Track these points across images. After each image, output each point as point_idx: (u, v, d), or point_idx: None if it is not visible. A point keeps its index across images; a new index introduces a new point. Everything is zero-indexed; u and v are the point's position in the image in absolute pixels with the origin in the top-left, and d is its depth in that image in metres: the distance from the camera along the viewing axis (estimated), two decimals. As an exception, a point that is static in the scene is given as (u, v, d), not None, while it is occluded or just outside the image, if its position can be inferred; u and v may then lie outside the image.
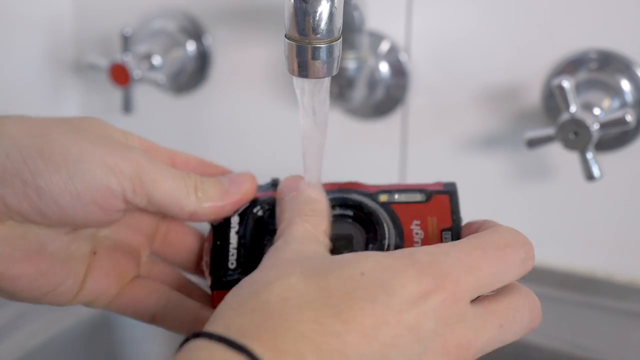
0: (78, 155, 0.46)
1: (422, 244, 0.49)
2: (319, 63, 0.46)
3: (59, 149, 0.46)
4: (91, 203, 0.46)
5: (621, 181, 0.75)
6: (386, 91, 0.79)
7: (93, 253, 0.51)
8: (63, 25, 0.91)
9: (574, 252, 0.79)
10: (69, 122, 0.48)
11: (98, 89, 0.92)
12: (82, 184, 0.46)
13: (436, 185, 0.52)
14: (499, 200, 0.79)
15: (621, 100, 0.71)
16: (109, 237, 0.52)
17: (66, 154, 0.46)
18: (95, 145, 0.47)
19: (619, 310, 0.76)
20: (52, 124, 0.47)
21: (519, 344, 0.73)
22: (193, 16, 0.86)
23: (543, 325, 0.75)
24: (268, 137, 0.87)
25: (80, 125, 0.48)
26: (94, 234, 0.51)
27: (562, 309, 0.77)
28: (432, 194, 0.52)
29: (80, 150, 0.46)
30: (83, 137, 0.47)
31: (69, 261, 0.49)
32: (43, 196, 0.45)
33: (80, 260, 0.50)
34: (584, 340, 0.72)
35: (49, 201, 0.46)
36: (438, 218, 0.50)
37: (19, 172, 0.45)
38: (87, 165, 0.46)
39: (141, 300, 0.52)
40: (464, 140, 0.79)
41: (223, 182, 0.51)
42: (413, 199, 0.51)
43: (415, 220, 0.50)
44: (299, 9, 0.45)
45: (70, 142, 0.46)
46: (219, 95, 0.87)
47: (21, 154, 0.45)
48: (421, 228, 0.50)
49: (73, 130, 0.47)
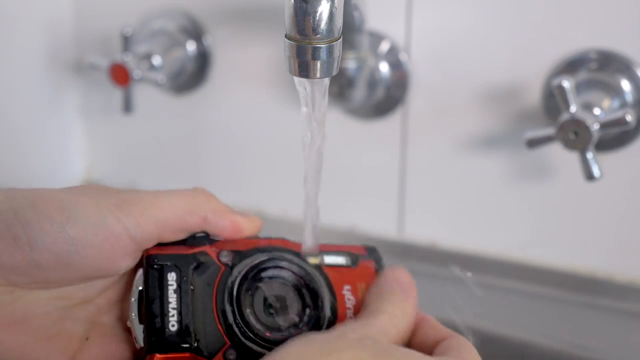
0: (71, 203, 0.45)
1: (354, 311, 0.49)
2: (319, 63, 0.46)
3: (51, 199, 0.44)
4: (88, 247, 0.44)
5: (621, 181, 0.75)
6: (386, 91, 0.79)
7: (85, 339, 0.48)
8: (63, 26, 0.91)
9: (574, 252, 0.79)
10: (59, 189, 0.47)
11: (98, 89, 0.92)
12: (76, 229, 0.44)
13: (359, 249, 0.52)
14: (499, 200, 0.80)
15: (621, 100, 0.71)
16: (107, 324, 0.50)
17: (59, 203, 0.44)
18: (87, 195, 0.46)
19: (619, 310, 0.76)
20: (44, 188, 0.46)
21: (519, 344, 0.73)
22: (193, 16, 0.86)
23: (543, 325, 0.75)
24: (268, 137, 0.87)
25: (70, 186, 0.47)
26: (92, 317, 0.49)
27: (562, 309, 0.77)
28: (358, 258, 0.51)
29: (74, 200, 0.45)
30: (74, 191, 0.46)
31: (55, 339, 0.47)
32: (35, 246, 0.43)
33: (68, 341, 0.48)
34: (584, 340, 0.72)
35: (42, 250, 0.44)
36: (366, 284, 0.50)
37: (10, 227, 0.44)
38: (81, 212, 0.44)
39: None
40: (464, 140, 0.79)
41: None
42: (341, 263, 0.51)
43: (346, 285, 0.50)
44: (299, 9, 0.45)
45: (62, 194, 0.45)
46: (219, 95, 0.87)
47: (12, 209, 0.44)
48: (352, 294, 0.50)
49: (65, 188, 0.46)
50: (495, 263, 0.81)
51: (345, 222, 0.86)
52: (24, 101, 0.88)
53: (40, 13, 0.88)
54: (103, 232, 0.44)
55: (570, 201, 0.77)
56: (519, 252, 0.80)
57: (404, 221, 0.84)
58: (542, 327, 0.74)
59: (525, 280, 0.80)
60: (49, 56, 0.90)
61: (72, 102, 0.93)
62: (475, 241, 0.82)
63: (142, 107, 0.88)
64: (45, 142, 0.90)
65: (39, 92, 0.90)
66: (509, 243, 0.80)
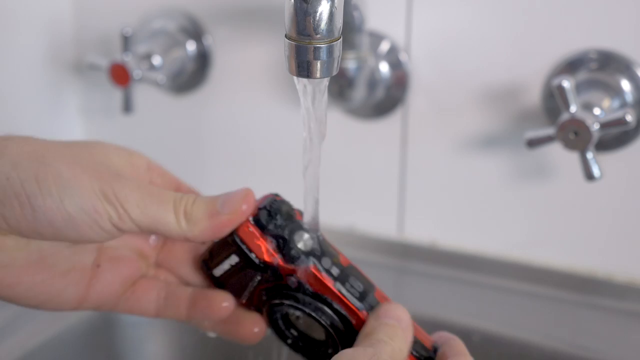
0: (69, 180, 0.48)
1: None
2: (319, 63, 0.46)
3: (52, 173, 0.48)
4: (82, 224, 0.48)
5: (621, 181, 0.75)
6: (386, 91, 0.79)
7: (97, 266, 0.52)
8: (63, 26, 0.91)
9: (574, 252, 0.79)
10: (69, 146, 0.51)
11: (98, 89, 0.92)
12: (72, 206, 0.48)
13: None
14: (499, 200, 0.80)
15: (621, 100, 0.71)
16: (114, 247, 0.54)
17: (58, 178, 0.48)
18: (86, 171, 0.49)
19: (619, 310, 0.76)
20: (51, 149, 0.50)
21: (519, 343, 0.73)
22: (193, 16, 0.86)
23: (543, 325, 0.75)
24: (268, 137, 0.87)
25: (79, 151, 0.50)
26: (99, 245, 0.53)
27: (562, 309, 0.77)
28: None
29: (72, 176, 0.48)
30: (77, 162, 0.49)
31: (69, 273, 0.51)
32: (38, 217, 0.48)
33: (81, 272, 0.52)
34: (584, 340, 0.72)
35: (43, 222, 0.48)
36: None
37: (17, 194, 0.48)
38: (76, 190, 0.48)
39: (144, 299, 0.54)
40: (464, 140, 0.79)
41: (215, 203, 0.51)
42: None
43: None
44: (299, 9, 0.45)
45: (63, 167, 0.48)
46: (219, 95, 0.87)
47: (19, 177, 0.48)
48: None
49: (70, 155, 0.50)
50: (495, 263, 0.81)
51: (345, 222, 0.86)
52: (24, 101, 0.88)
53: (40, 13, 0.88)
54: (93, 214, 0.48)
55: (570, 201, 0.77)
56: (519, 252, 0.80)
57: (404, 221, 0.84)
58: (542, 327, 0.74)
59: (525, 280, 0.80)
60: (49, 56, 0.90)
61: (72, 102, 0.93)
62: (475, 241, 0.82)
63: (142, 107, 0.88)
64: (45, 142, 0.90)
65: (39, 92, 0.90)
66: (509, 243, 0.80)
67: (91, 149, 0.51)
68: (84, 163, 0.49)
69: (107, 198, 0.48)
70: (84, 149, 0.51)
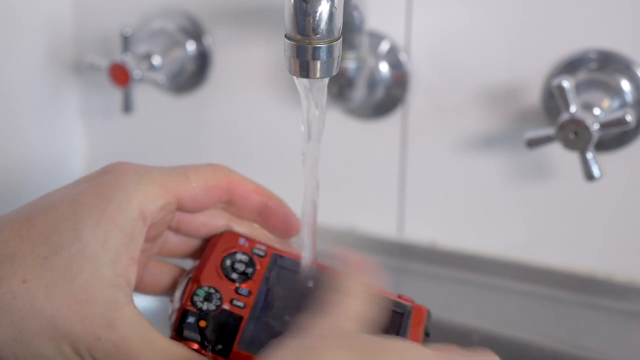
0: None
1: None
2: (319, 63, 0.46)
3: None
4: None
5: (621, 181, 0.75)
6: (386, 91, 0.79)
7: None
8: (63, 26, 0.91)
9: (574, 252, 0.79)
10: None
11: (98, 89, 0.92)
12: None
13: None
14: (499, 200, 0.80)
15: (621, 100, 0.71)
16: None
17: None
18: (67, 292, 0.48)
19: (619, 310, 0.76)
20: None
21: (519, 343, 0.73)
22: (193, 16, 0.86)
23: (543, 325, 0.75)
24: (268, 137, 0.87)
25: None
26: None
27: (562, 309, 0.77)
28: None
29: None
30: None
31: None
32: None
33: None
34: (584, 340, 0.72)
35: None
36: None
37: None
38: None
39: (159, 279, 0.56)
40: (464, 140, 0.79)
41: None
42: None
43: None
44: (299, 9, 0.45)
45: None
46: (219, 95, 0.87)
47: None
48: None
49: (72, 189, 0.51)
50: (495, 263, 0.81)
51: (345, 222, 0.86)
52: (23, 101, 0.88)
53: (40, 13, 0.88)
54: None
55: (570, 201, 0.77)
56: (518, 252, 0.80)
57: (404, 221, 0.84)
58: (542, 327, 0.74)
59: (524, 280, 0.80)
60: (49, 56, 0.90)
61: (72, 102, 0.93)
62: (475, 241, 0.82)
63: (142, 107, 0.88)
64: (45, 142, 0.90)
65: (39, 92, 0.90)
66: (508, 243, 0.80)
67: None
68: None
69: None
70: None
